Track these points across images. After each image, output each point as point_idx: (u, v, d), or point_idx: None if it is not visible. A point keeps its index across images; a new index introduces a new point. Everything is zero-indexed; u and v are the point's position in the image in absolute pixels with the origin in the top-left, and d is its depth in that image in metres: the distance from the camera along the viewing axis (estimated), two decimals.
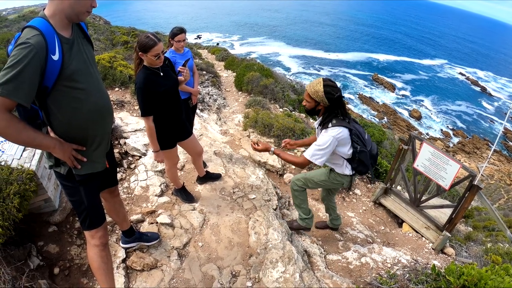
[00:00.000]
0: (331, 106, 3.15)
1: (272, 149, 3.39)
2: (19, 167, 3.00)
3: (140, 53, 3.00)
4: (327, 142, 3.13)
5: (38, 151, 3.31)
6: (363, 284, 3.63)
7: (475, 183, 4.61)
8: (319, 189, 4.39)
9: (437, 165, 4.90)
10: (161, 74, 3.17)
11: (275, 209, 4.31)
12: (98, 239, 2.39)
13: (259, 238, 3.66)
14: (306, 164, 3.28)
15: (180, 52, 4.36)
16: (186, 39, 4.37)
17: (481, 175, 4.96)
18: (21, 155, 3.21)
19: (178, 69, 3.54)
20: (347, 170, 3.54)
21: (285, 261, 3.33)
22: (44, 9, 1.85)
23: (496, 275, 3.10)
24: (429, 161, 5.00)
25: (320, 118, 3.33)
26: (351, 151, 3.35)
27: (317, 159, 3.18)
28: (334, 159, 3.49)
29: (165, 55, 3.53)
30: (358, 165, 3.48)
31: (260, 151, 3.43)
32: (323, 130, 3.20)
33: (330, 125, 3.17)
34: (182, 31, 4.26)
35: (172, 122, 3.41)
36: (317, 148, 3.17)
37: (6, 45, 11.73)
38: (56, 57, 1.78)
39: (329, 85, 3.07)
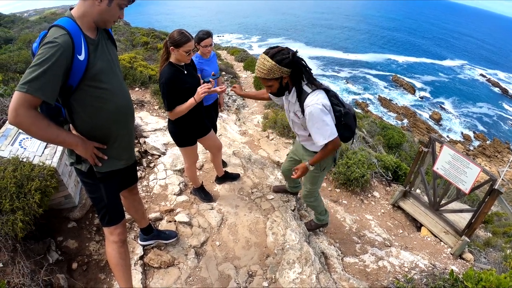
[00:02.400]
0: (294, 71, 2.66)
1: (307, 163, 3.02)
2: (41, 163, 3.07)
3: (171, 47, 3.04)
4: (316, 113, 2.66)
5: (60, 149, 3.38)
6: None
7: (495, 188, 4.54)
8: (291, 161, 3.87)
9: (457, 169, 4.83)
10: (185, 72, 3.22)
11: (293, 210, 4.32)
12: (116, 235, 2.43)
13: (277, 239, 3.67)
14: (336, 146, 2.81)
15: (207, 58, 4.18)
16: (213, 44, 4.14)
17: (502, 179, 4.86)
18: (43, 152, 3.28)
19: (208, 87, 3.17)
20: None
21: (302, 262, 3.33)
22: (71, 9, 1.90)
23: None
24: (449, 164, 4.93)
25: (292, 90, 2.83)
26: (332, 116, 2.84)
27: (332, 133, 2.72)
28: None
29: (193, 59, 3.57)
30: (344, 131, 2.94)
31: (301, 176, 3.10)
32: (306, 107, 2.70)
33: (308, 89, 2.72)
34: (209, 35, 4.01)
35: (192, 120, 3.44)
36: (322, 125, 2.69)
37: (28, 46, 12.04)
38: (82, 57, 1.82)
39: (275, 53, 2.57)
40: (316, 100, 2.65)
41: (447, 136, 35.50)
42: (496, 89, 52.50)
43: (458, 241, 4.91)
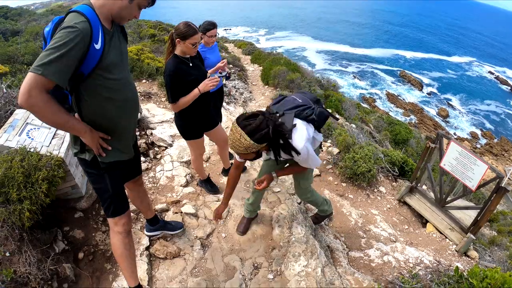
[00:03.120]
0: (273, 140, 2.43)
1: (274, 174, 2.89)
2: (48, 154, 3.08)
3: (177, 39, 3.05)
4: (306, 152, 2.55)
5: (67, 139, 3.38)
6: (385, 283, 3.62)
7: (502, 185, 4.51)
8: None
9: (464, 165, 4.80)
10: (190, 64, 3.21)
11: (299, 203, 4.33)
12: (121, 226, 2.44)
13: (283, 232, 3.68)
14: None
15: (209, 46, 4.35)
16: (217, 34, 4.34)
17: (509, 178, 4.83)
18: (50, 143, 3.28)
19: (215, 80, 3.24)
20: (320, 136, 2.99)
21: (308, 255, 3.34)
22: None
23: None
24: (456, 160, 4.90)
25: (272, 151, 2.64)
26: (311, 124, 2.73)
27: (318, 163, 2.75)
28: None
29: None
30: (320, 123, 2.80)
31: (266, 187, 2.92)
32: (293, 145, 2.52)
33: (288, 135, 2.49)
34: (214, 26, 4.22)
35: (199, 112, 3.44)
36: (313, 159, 2.66)
37: (36, 38, 12.07)
38: (98, 46, 1.82)
39: (252, 131, 2.31)
40: (300, 141, 2.50)
41: (454, 134, 35.26)
42: (504, 87, 51.91)
43: (463, 239, 4.89)
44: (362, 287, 3.48)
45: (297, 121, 2.58)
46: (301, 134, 2.53)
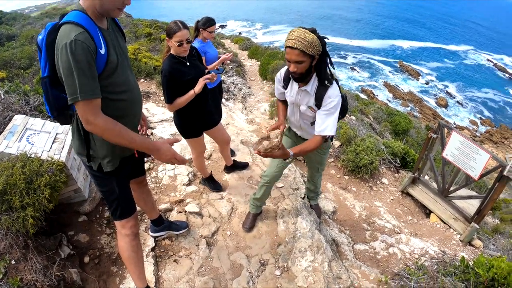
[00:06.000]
0: (322, 56, 2.50)
1: (292, 153, 2.49)
2: (49, 158, 3.05)
3: (166, 38, 3.04)
4: (339, 106, 2.57)
5: (68, 143, 3.33)
6: (391, 275, 3.62)
7: (505, 174, 4.51)
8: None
9: (466, 155, 4.79)
10: (187, 63, 3.18)
11: (303, 198, 4.32)
12: (129, 228, 2.42)
13: (287, 227, 3.68)
14: (321, 144, 2.65)
15: (206, 42, 4.34)
16: (215, 30, 4.37)
17: (510, 166, 4.83)
18: (51, 147, 3.25)
19: (207, 77, 3.24)
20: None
21: (314, 250, 3.34)
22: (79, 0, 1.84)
23: None
24: (458, 150, 4.89)
25: (313, 77, 2.64)
26: None
27: (334, 130, 2.60)
28: None
29: (193, 44, 3.54)
30: (341, 114, 2.86)
31: (275, 157, 2.39)
32: (328, 91, 2.57)
33: (327, 82, 2.59)
34: (213, 21, 4.23)
35: (198, 111, 3.41)
36: (334, 117, 2.58)
37: (31, 42, 12.00)
38: (103, 51, 1.79)
39: (314, 30, 2.43)
40: (337, 93, 2.58)
41: (454, 122, 35.26)
42: (502, 74, 51.86)
43: (467, 228, 4.90)
44: (369, 280, 3.49)
45: (337, 86, 2.66)
46: (338, 88, 2.63)
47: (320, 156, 3.38)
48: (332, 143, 3.45)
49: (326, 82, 2.58)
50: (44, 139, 3.32)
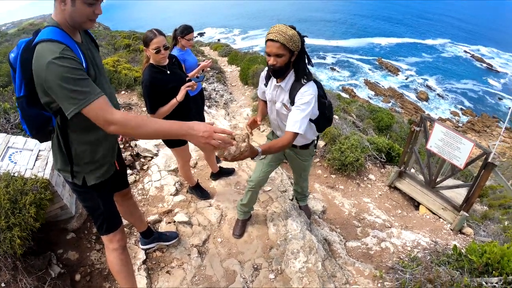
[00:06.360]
0: (301, 53, 2.53)
1: (260, 150, 2.25)
2: (33, 176, 2.98)
3: (144, 48, 3.00)
4: (311, 105, 2.53)
5: (51, 159, 3.26)
6: (385, 269, 3.62)
7: (489, 160, 4.58)
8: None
9: (450, 145, 4.85)
10: (168, 72, 3.15)
11: (291, 200, 4.31)
12: (116, 242, 2.36)
13: (278, 230, 3.66)
14: (290, 143, 2.54)
15: (185, 50, 4.33)
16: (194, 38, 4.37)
17: (493, 153, 4.93)
18: (34, 165, 3.18)
19: (188, 85, 3.24)
20: (313, 134, 3.04)
21: (306, 250, 3.32)
22: (51, 14, 1.77)
23: None
24: (442, 141, 4.95)
25: (290, 73, 2.64)
26: (316, 109, 2.75)
27: (303, 128, 2.51)
28: None
29: (172, 53, 3.51)
30: (325, 123, 2.94)
31: (242, 158, 2.10)
32: (301, 88, 2.56)
33: (303, 80, 2.58)
34: (191, 29, 4.22)
35: (181, 119, 3.35)
36: (304, 115, 2.51)
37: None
38: (84, 65, 1.73)
39: (294, 27, 2.47)
40: (311, 91, 2.55)
41: (436, 114, 35.82)
42: (479, 64, 53.06)
43: (457, 217, 4.95)
44: (363, 276, 3.48)
45: (315, 85, 2.65)
46: (315, 88, 2.61)
47: (303, 163, 3.36)
48: (315, 150, 3.44)
49: (302, 79, 2.59)
50: (27, 157, 3.25)
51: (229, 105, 9.92)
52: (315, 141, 3.22)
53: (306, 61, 2.61)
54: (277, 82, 2.73)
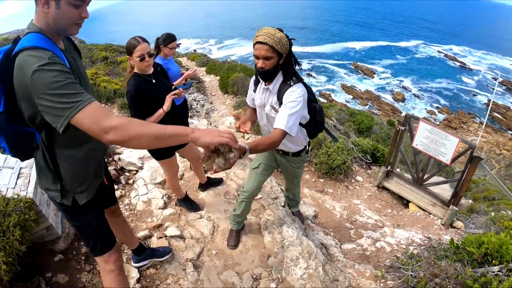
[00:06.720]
0: (288, 56, 2.52)
1: (247, 147, 2.07)
2: (16, 196, 2.81)
3: (128, 57, 2.90)
4: (299, 104, 2.46)
5: (33, 176, 3.09)
6: (385, 269, 3.59)
7: (475, 154, 4.64)
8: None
9: (436, 142, 4.91)
10: (153, 81, 3.05)
11: (283, 206, 4.24)
12: (112, 263, 2.18)
13: (274, 237, 3.57)
14: (278, 142, 2.42)
15: (167, 59, 4.25)
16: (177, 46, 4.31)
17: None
18: (16, 183, 3.00)
19: (174, 93, 3.16)
20: (304, 140, 2.99)
21: (306, 256, 3.25)
22: (32, 20, 1.60)
23: None
24: (427, 139, 5.01)
25: (278, 76, 2.60)
26: (306, 112, 2.71)
27: (293, 128, 2.43)
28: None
29: (156, 61, 3.42)
30: (316, 128, 2.88)
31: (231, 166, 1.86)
32: (288, 89, 2.52)
33: (291, 82, 2.54)
34: (175, 37, 4.16)
35: None
36: (290, 113, 2.42)
37: None
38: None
39: (281, 29, 2.44)
40: (299, 89, 2.51)
41: (413, 114, 36.53)
42: (452, 63, 54.75)
43: (446, 211, 5.00)
44: (365, 277, 3.44)
45: (303, 87, 2.60)
46: (303, 89, 2.56)
47: (295, 170, 3.31)
48: (308, 156, 3.40)
49: (290, 81, 2.55)
50: (8, 176, 3.07)
51: (211, 114, 9.86)
52: (307, 147, 3.17)
53: (294, 63, 2.60)
54: (265, 85, 2.68)
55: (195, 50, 52.71)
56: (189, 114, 8.69)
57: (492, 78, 48.22)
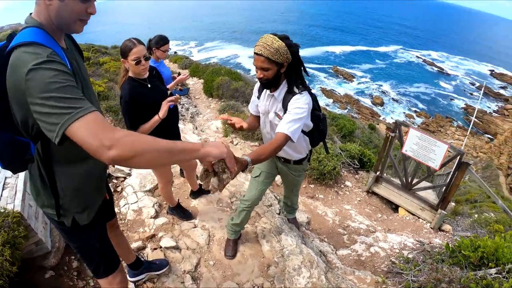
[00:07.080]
0: (293, 63, 2.47)
1: (248, 159, 2.02)
2: (2, 210, 2.60)
3: (122, 60, 2.78)
4: (304, 112, 2.42)
5: (20, 188, 2.91)
6: (383, 274, 3.60)
7: (464, 160, 4.74)
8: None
9: (425, 148, 5.00)
10: (149, 86, 2.95)
11: (279, 214, 4.20)
12: (117, 284, 2.05)
13: (273, 246, 3.53)
14: (280, 148, 2.35)
15: (159, 62, 4.22)
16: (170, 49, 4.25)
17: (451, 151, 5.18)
18: (1, 195, 2.81)
19: (171, 99, 3.05)
20: (306, 148, 3.00)
21: (307, 265, 3.22)
22: (31, 14, 1.43)
23: (510, 242, 3.23)
24: (417, 145, 5.09)
25: (283, 83, 2.57)
26: (309, 120, 2.69)
27: (295, 134, 2.37)
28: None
29: (151, 65, 3.33)
30: (319, 136, 2.88)
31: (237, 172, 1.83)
32: (293, 97, 2.48)
33: (296, 90, 2.51)
34: (168, 39, 4.12)
35: (164, 137, 3.16)
36: (295, 118, 2.38)
37: None
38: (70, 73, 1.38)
39: (284, 37, 2.37)
40: (304, 98, 2.46)
41: (391, 118, 37.17)
42: (430, 68, 56.19)
43: (435, 215, 5.10)
44: (366, 284, 3.43)
45: (309, 96, 2.56)
46: (308, 98, 2.52)
47: (296, 179, 3.30)
48: (309, 164, 3.39)
49: (294, 89, 2.52)
50: None
51: (196, 118, 9.75)
52: (308, 156, 3.15)
53: (302, 70, 2.57)
54: (270, 92, 2.65)
55: (175, 52, 52.24)
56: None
57: (470, 83, 49.70)
